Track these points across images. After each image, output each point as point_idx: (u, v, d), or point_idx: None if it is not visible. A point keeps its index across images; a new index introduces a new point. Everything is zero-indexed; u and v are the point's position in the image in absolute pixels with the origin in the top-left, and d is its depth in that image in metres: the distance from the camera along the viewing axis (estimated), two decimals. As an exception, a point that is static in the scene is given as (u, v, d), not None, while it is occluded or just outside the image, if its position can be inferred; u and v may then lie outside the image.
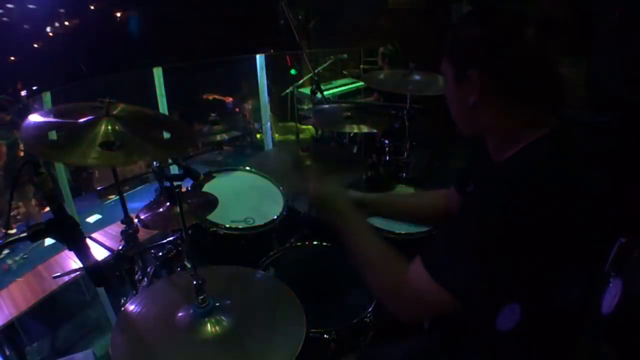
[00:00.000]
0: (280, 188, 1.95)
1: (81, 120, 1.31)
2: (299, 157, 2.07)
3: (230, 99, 4.90)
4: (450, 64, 0.96)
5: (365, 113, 2.36)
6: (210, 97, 5.58)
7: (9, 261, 2.33)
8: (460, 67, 0.93)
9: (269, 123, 4.25)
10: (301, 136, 3.91)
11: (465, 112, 0.97)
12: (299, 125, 3.67)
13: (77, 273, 1.81)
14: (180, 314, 1.09)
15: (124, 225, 1.58)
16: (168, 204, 1.58)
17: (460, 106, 0.97)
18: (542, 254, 0.80)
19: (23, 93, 7.64)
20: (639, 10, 2.24)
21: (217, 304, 1.10)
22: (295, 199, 1.58)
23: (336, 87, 5.01)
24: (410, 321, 1.01)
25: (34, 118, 1.27)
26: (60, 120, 1.32)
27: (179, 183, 1.59)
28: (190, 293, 1.09)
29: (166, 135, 1.46)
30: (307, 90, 4.14)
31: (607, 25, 2.37)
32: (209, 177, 1.73)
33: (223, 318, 1.07)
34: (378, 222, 1.83)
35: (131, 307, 1.13)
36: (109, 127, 1.28)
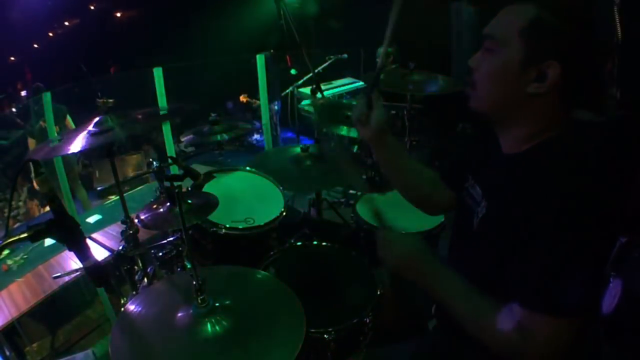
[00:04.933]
0: (280, 188, 1.95)
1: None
2: (299, 157, 2.07)
3: (258, 101, 4.89)
4: (523, 44, 0.89)
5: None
6: (245, 100, 5.61)
7: (9, 261, 2.32)
8: (537, 53, 0.87)
9: (269, 123, 4.23)
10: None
11: (508, 95, 0.92)
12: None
13: (77, 273, 1.81)
14: (180, 314, 1.09)
15: (124, 226, 1.58)
16: (168, 204, 1.58)
17: (507, 87, 0.92)
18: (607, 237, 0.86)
19: (23, 93, 7.64)
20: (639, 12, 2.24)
21: (217, 304, 1.10)
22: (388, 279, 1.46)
23: (336, 87, 4.99)
24: None
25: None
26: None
27: (179, 183, 1.59)
28: (190, 293, 1.09)
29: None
30: (307, 90, 4.12)
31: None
32: (209, 177, 1.73)
33: (223, 318, 1.07)
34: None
35: (131, 307, 1.13)
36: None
